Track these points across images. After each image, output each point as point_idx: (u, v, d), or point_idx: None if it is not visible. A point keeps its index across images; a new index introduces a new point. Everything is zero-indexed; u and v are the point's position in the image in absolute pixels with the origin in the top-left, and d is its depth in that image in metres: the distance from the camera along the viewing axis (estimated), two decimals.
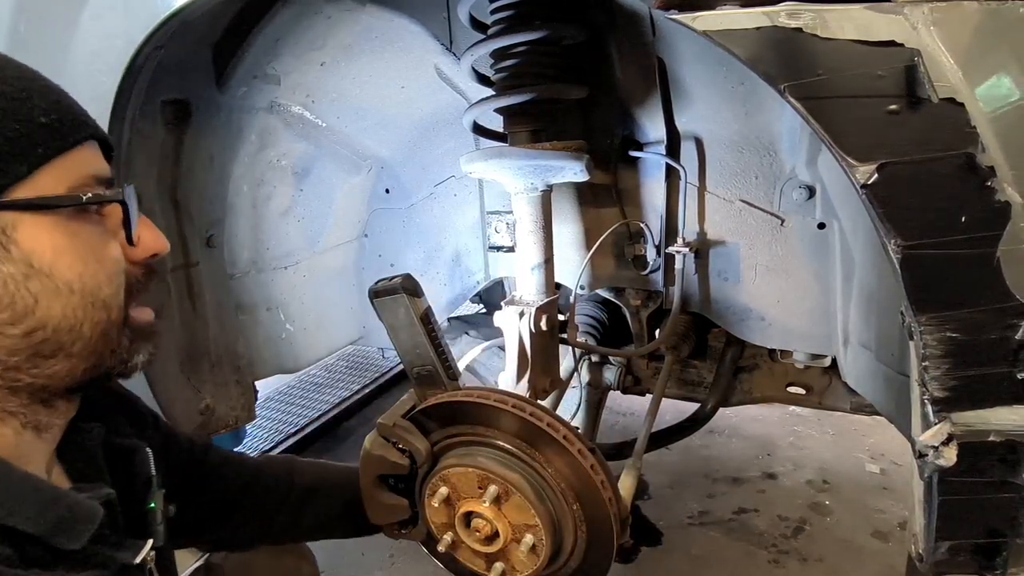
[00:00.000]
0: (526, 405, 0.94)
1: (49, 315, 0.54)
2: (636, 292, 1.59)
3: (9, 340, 0.53)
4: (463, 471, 0.92)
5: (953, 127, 0.63)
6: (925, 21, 0.63)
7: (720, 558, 2.05)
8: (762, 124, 1.25)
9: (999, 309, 0.67)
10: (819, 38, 0.64)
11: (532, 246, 1.33)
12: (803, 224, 1.30)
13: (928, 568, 0.80)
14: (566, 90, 1.24)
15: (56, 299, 0.54)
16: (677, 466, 2.51)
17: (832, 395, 1.60)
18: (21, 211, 0.52)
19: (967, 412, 0.71)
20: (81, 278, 0.56)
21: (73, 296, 0.55)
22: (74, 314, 0.56)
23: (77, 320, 0.56)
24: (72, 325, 0.56)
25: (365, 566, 2.06)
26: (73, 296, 0.55)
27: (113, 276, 0.59)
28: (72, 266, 0.55)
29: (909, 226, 0.67)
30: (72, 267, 0.55)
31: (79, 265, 0.55)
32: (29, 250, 0.52)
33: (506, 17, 1.16)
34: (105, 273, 0.58)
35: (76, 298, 0.56)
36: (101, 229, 0.59)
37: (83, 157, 0.58)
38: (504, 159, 1.23)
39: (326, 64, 1.39)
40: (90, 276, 0.57)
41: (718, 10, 0.68)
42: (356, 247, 1.83)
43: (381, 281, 0.98)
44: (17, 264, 0.52)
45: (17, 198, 0.52)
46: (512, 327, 1.32)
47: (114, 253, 0.60)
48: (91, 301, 0.57)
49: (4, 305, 0.52)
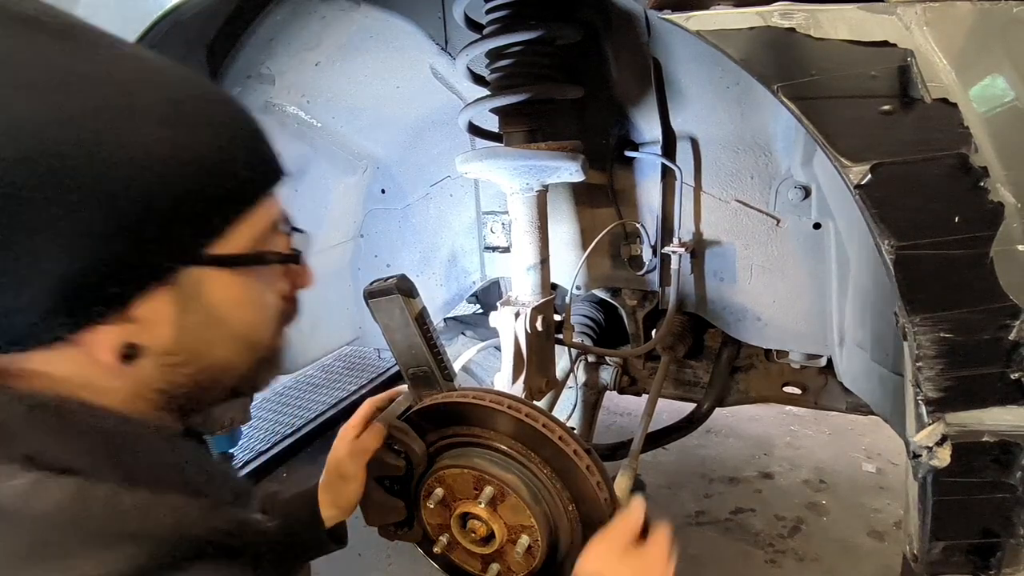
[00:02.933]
0: (522, 406, 0.94)
1: (217, 358, 0.57)
2: (632, 292, 1.59)
3: (180, 378, 0.56)
4: (459, 472, 0.92)
5: (946, 127, 0.64)
6: (918, 21, 0.63)
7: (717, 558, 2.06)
8: (757, 124, 1.25)
9: (992, 309, 0.67)
10: (812, 38, 0.64)
11: (528, 246, 1.33)
12: (798, 224, 1.30)
13: (923, 568, 0.80)
14: (561, 90, 1.23)
15: (225, 345, 0.57)
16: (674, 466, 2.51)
17: (828, 395, 1.60)
18: (213, 267, 0.53)
19: (961, 412, 0.71)
20: (249, 326, 0.59)
21: (239, 342, 0.58)
22: (237, 357, 0.59)
23: (239, 361, 0.59)
24: (234, 365, 0.59)
25: (362, 567, 2.05)
26: (239, 342, 0.58)
27: (272, 319, 0.62)
28: (244, 316, 0.57)
29: (902, 227, 0.67)
30: (244, 317, 0.57)
31: (250, 314, 0.58)
32: (213, 302, 0.54)
33: (501, 17, 1.16)
34: (267, 317, 0.61)
35: (241, 343, 0.59)
36: (269, 275, 0.60)
37: (269, 204, 0.58)
38: (500, 159, 1.23)
39: (321, 64, 1.39)
40: (257, 323, 0.60)
41: (711, 10, 0.68)
42: (352, 247, 1.83)
43: (376, 281, 0.97)
44: (200, 315, 0.54)
45: (213, 254, 0.52)
46: (508, 327, 1.31)
47: (277, 297, 0.62)
48: (253, 344, 0.60)
49: (183, 350, 0.54)
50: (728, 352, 1.64)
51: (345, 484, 0.93)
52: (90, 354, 0.49)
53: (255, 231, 0.55)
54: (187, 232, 0.50)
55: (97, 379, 0.51)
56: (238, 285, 0.55)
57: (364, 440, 0.93)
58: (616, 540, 0.79)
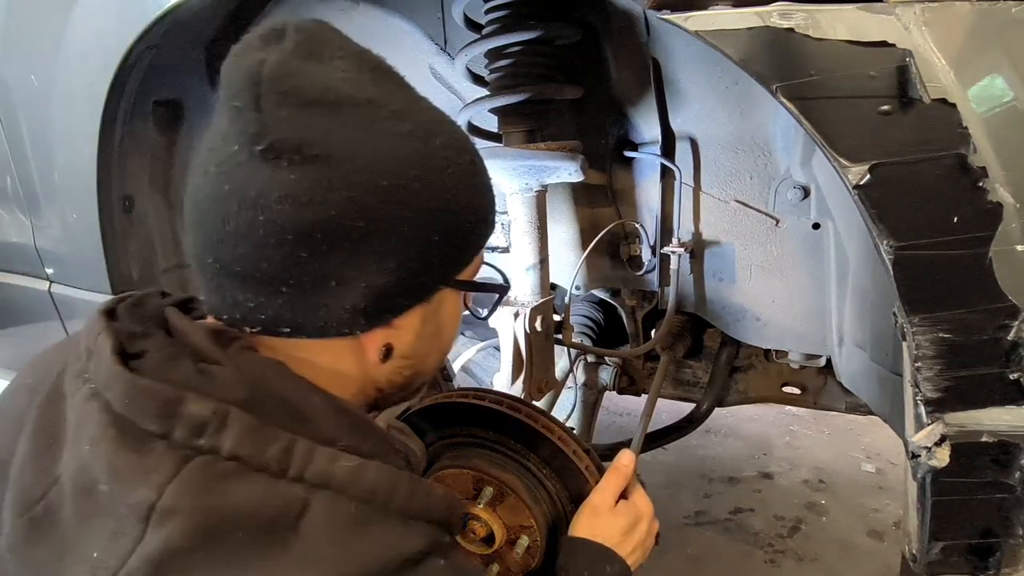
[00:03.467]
0: (521, 406, 0.94)
1: (427, 362, 0.66)
2: (631, 292, 1.59)
3: (399, 378, 0.64)
4: (458, 472, 0.92)
5: (945, 128, 0.64)
6: (917, 21, 0.63)
7: (716, 558, 2.06)
8: (757, 124, 1.25)
9: (991, 310, 0.67)
10: (811, 38, 0.64)
11: (527, 246, 1.33)
12: (798, 224, 1.30)
13: (922, 568, 0.80)
14: (560, 90, 1.23)
15: (436, 354, 0.67)
16: (673, 466, 2.51)
17: (827, 395, 1.60)
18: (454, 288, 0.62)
19: (960, 412, 0.71)
20: (451, 340, 0.69)
21: (442, 352, 0.69)
22: (435, 365, 0.69)
23: (433, 369, 0.69)
24: (432, 368, 0.69)
25: None
26: (442, 352, 0.69)
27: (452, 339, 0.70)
28: (453, 331, 0.68)
29: (901, 227, 0.67)
30: (452, 332, 0.67)
31: (454, 328, 0.68)
32: (443, 318, 0.63)
33: (500, 17, 1.16)
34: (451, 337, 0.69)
35: (442, 354, 0.69)
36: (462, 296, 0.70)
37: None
38: (499, 159, 1.23)
39: None
40: (454, 337, 0.70)
41: (710, 10, 0.67)
42: None
43: None
44: (433, 327, 0.63)
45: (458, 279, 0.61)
46: (507, 328, 1.31)
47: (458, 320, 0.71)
48: (445, 356, 0.72)
49: (414, 355, 0.63)
50: (727, 352, 1.64)
51: None
52: (362, 350, 0.58)
53: (478, 260, 0.65)
54: (455, 261, 0.60)
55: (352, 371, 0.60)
56: (456, 304, 0.65)
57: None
58: (607, 495, 0.86)
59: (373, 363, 0.60)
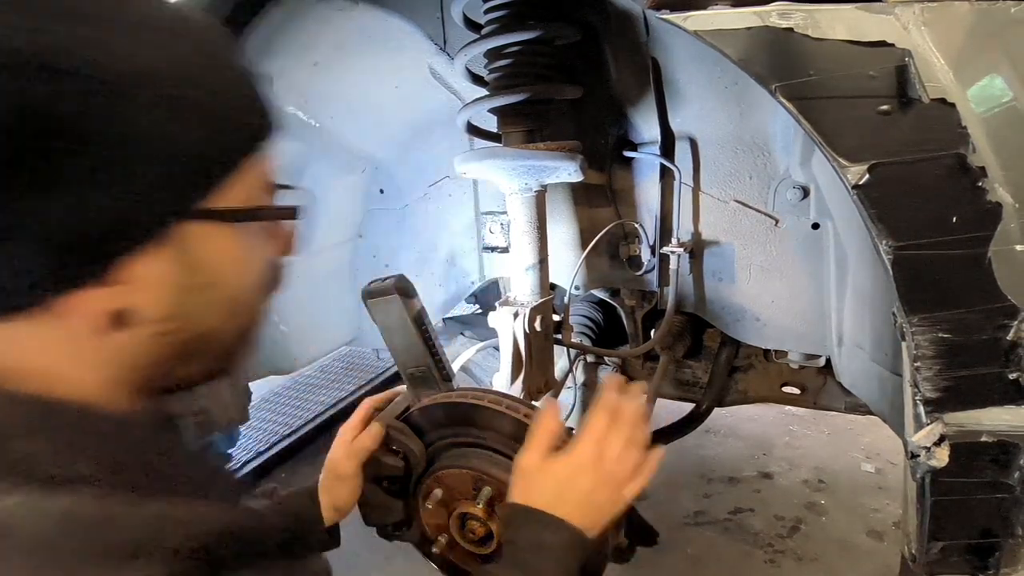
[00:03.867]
0: (520, 406, 0.94)
1: (205, 324, 0.52)
2: (631, 292, 1.59)
3: (167, 348, 0.50)
4: (457, 472, 0.92)
5: (944, 127, 0.64)
6: (916, 22, 0.63)
7: (716, 558, 2.06)
8: (756, 124, 1.25)
9: (990, 309, 0.67)
10: (810, 38, 0.64)
11: (526, 246, 1.32)
12: (797, 224, 1.30)
13: (921, 568, 0.80)
14: (560, 90, 1.23)
15: (215, 308, 0.52)
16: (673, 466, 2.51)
17: (826, 395, 1.60)
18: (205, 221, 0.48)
19: (959, 412, 0.71)
20: (240, 288, 0.53)
21: (229, 304, 0.53)
22: (226, 321, 0.53)
23: (226, 327, 0.54)
24: (221, 331, 0.54)
25: (361, 568, 2.05)
26: (229, 304, 0.53)
27: (264, 281, 0.56)
28: (237, 275, 0.52)
29: (900, 227, 0.67)
30: (236, 276, 0.52)
31: (242, 275, 0.53)
32: (207, 260, 0.49)
33: (500, 17, 1.16)
34: (259, 279, 0.55)
35: (231, 306, 0.53)
36: (265, 234, 0.55)
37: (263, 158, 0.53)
38: (498, 159, 1.23)
39: (319, 64, 1.38)
40: (248, 284, 0.54)
41: (709, 10, 0.67)
42: (351, 248, 1.83)
43: (374, 282, 0.97)
44: (192, 275, 0.48)
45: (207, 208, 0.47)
46: (507, 328, 1.31)
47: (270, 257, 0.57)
48: (243, 308, 0.55)
49: (175, 314, 0.48)
50: (727, 352, 1.64)
51: (342, 485, 0.92)
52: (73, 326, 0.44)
53: (249, 186, 0.50)
54: (182, 183, 0.45)
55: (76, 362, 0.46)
56: (233, 243, 0.50)
57: (361, 440, 0.92)
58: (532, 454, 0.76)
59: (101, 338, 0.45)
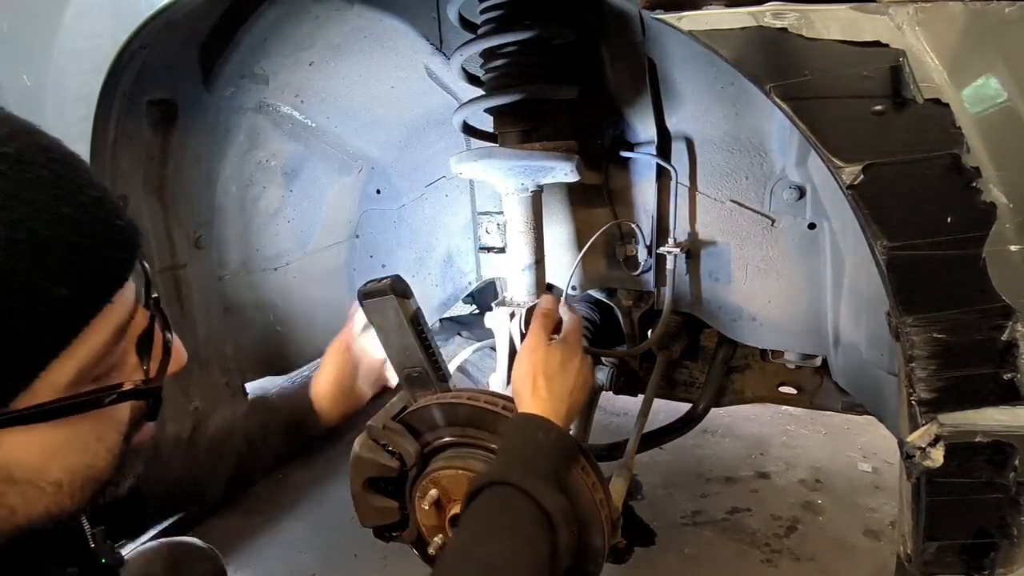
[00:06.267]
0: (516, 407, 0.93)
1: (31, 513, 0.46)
2: (628, 292, 1.59)
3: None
4: (453, 473, 0.92)
5: (939, 128, 0.63)
6: (910, 21, 0.62)
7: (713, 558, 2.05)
8: (752, 124, 1.25)
9: (985, 310, 0.67)
10: (804, 38, 0.64)
11: (523, 247, 1.32)
12: (793, 224, 1.30)
13: (917, 569, 0.80)
14: (556, 90, 1.23)
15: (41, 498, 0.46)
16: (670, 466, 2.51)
17: (823, 395, 1.60)
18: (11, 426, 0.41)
19: (954, 413, 0.71)
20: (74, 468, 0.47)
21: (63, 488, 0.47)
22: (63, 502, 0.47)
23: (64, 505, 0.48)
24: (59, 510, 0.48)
25: (359, 568, 2.05)
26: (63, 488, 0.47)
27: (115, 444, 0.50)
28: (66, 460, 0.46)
29: (895, 227, 0.67)
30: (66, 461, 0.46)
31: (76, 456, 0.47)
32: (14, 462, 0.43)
33: (496, 17, 1.16)
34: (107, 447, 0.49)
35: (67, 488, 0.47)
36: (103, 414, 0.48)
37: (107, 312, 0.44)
38: (494, 160, 1.23)
39: (315, 64, 1.38)
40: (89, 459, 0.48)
41: (703, 10, 0.67)
42: (347, 248, 1.82)
43: (370, 283, 0.97)
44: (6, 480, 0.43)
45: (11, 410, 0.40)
46: (503, 328, 1.31)
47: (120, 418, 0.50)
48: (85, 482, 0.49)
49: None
50: (724, 352, 1.64)
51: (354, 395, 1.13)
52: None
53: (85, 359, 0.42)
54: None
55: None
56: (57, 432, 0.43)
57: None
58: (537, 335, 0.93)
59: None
